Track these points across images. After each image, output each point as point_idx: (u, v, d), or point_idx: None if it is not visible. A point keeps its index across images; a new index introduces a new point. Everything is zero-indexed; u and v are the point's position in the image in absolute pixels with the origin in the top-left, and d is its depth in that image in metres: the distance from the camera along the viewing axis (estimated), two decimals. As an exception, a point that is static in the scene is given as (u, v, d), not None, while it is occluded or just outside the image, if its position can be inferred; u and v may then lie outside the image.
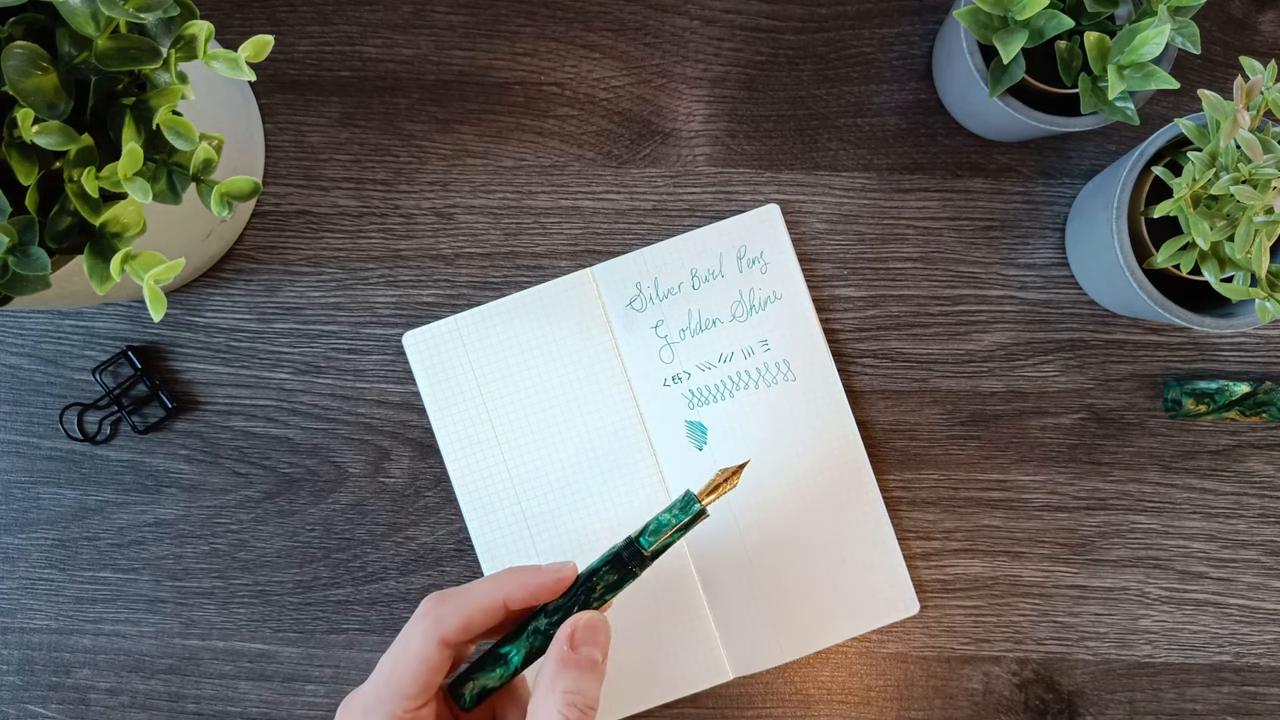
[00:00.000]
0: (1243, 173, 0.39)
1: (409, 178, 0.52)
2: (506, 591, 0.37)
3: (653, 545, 0.39)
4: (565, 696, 0.35)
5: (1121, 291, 0.46)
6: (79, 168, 0.34)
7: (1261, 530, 0.51)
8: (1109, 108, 0.43)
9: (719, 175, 0.52)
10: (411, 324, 0.51)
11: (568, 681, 0.35)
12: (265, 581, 0.51)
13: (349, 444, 0.52)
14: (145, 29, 0.34)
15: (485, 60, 0.52)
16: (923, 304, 0.52)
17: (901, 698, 0.51)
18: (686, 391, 0.51)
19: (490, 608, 0.37)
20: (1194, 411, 0.50)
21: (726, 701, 0.51)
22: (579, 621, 0.36)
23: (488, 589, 0.37)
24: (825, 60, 0.52)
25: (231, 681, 0.51)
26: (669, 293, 0.51)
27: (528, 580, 0.37)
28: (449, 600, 0.37)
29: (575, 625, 0.36)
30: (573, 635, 0.36)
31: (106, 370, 0.51)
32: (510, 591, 0.37)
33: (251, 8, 0.52)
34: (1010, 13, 0.41)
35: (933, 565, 0.51)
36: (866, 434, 0.51)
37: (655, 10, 0.52)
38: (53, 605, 0.51)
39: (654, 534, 0.39)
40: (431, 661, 0.36)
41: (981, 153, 0.52)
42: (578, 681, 0.35)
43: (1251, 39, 0.52)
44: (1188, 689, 0.51)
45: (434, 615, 0.36)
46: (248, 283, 0.52)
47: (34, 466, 0.52)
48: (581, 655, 0.36)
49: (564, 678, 0.35)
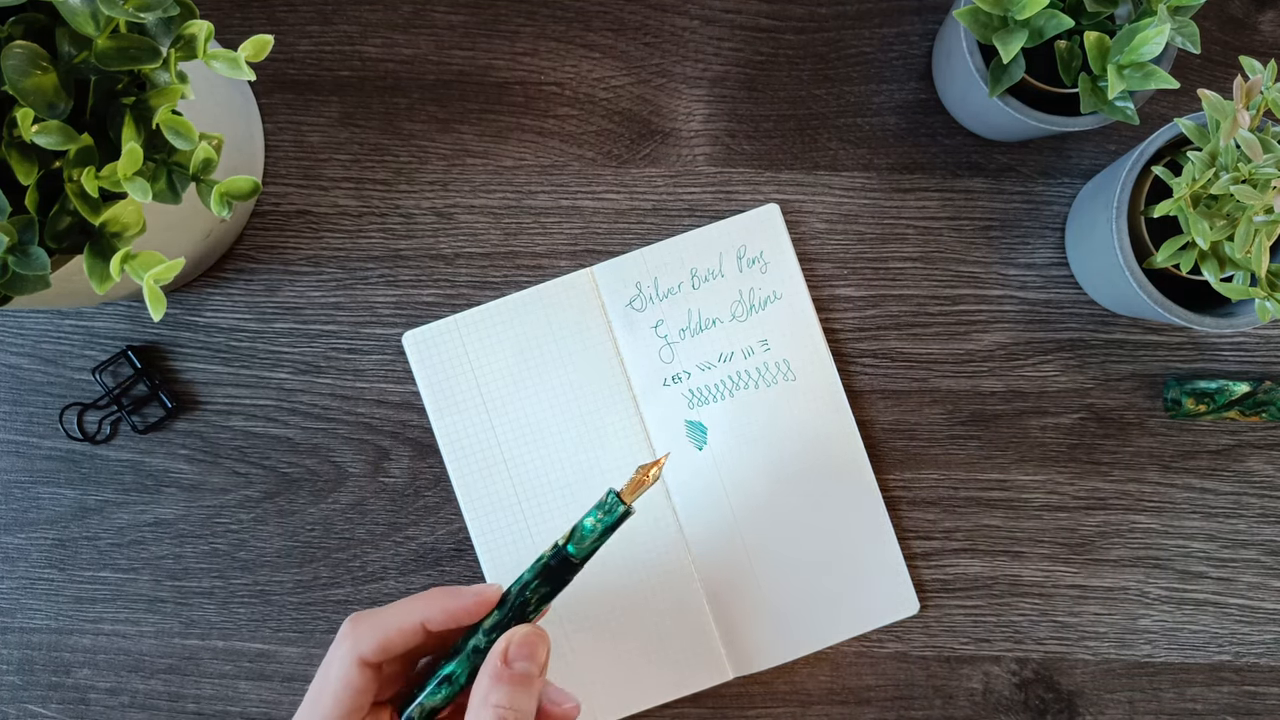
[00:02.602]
0: (1242, 172, 0.39)
1: (409, 177, 0.52)
2: (425, 614, 0.38)
3: (581, 552, 0.39)
4: (496, 711, 0.36)
5: (1121, 291, 0.46)
6: (79, 167, 0.34)
7: (1261, 530, 0.51)
8: (1109, 107, 0.43)
9: (719, 175, 0.52)
10: (411, 324, 0.51)
11: (499, 696, 0.36)
12: (265, 581, 0.51)
13: (349, 444, 0.52)
14: (145, 28, 0.34)
15: (485, 60, 0.52)
16: (923, 304, 0.52)
17: (901, 697, 0.51)
18: (686, 391, 0.51)
19: (408, 629, 0.38)
20: (1194, 411, 0.50)
21: (726, 701, 0.51)
22: (513, 637, 0.37)
23: (406, 610, 0.38)
24: (825, 60, 0.52)
25: (231, 681, 0.51)
26: (669, 292, 0.51)
27: (448, 604, 0.38)
28: (365, 621, 0.38)
29: (510, 640, 0.37)
30: (506, 651, 0.37)
31: (106, 370, 0.51)
32: (429, 614, 0.38)
33: (251, 8, 0.52)
34: (1010, 12, 0.41)
35: (933, 565, 0.51)
36: (866, 434, 0.51)
37: (655, 10, 0.52)
38: (52, 605, 0.51)
39: (581, 540, 0.39)
40: (354, 683, 0.37)
41: (981, 153, 0.52)
42: (510, 696, 0.36)
43: (1251, 39, 0.52)
44: (1188, 689, 0.51)
45: (352, 637, 0.37)
46: (248, 282, 0.52)
47: (34, 466, 0.52)
48: (515, 670, 0.37)
49: (496, 692, 0.36)
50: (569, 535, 0.39)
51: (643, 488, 0.39)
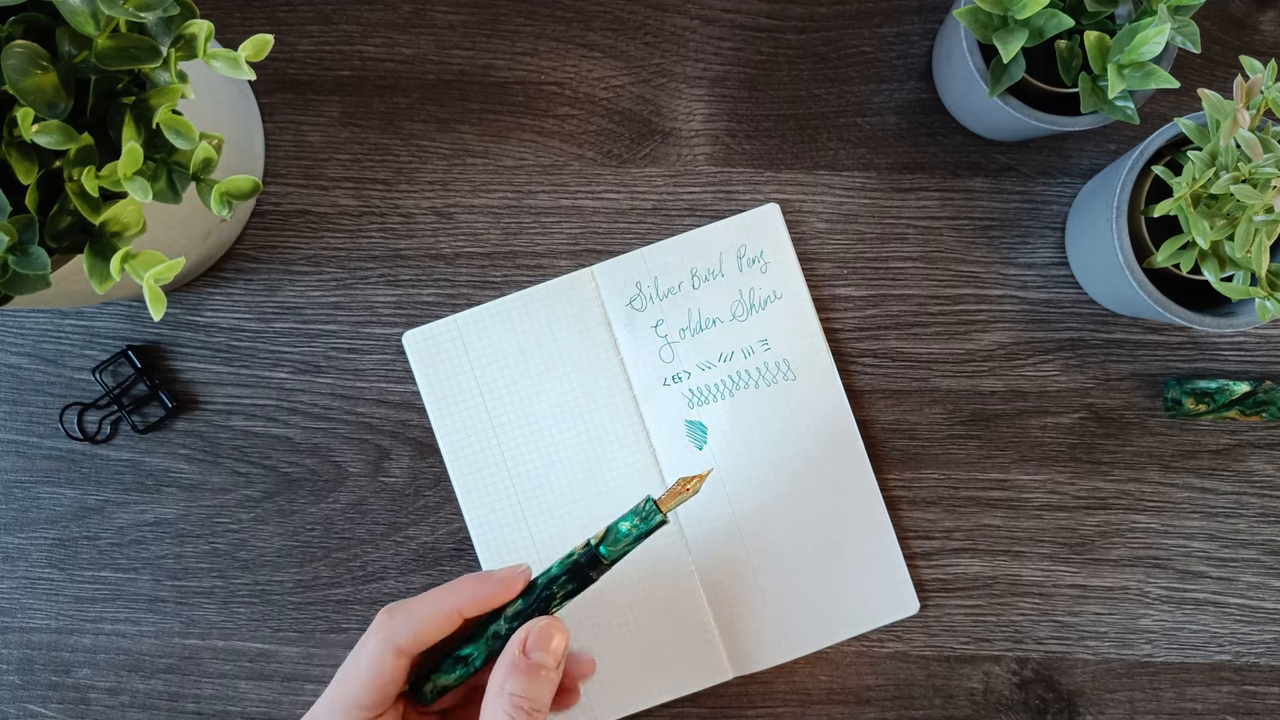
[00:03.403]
0: (1243, 172, 0.39)
1: (409, 177, 0.52)
2: (458, 601, 0.38)
3: (613, 554, 0.39)
4: (512, 699, 0.36)
5: (1121, 291, 0.46)
6: (79, 167, 0.34)
7: (1261, 530, 0.51)
8: (1109, 107, 0.43)
9: (719, 175, 0.52)
10: (411, 323, 0.51)
11: (516, 685, 0.36)
12: (265, 581, 0.51)
13: (349, 443, 0.52)
14: (145, 28, 0.34)
15: (485, 60, 0.52)
16: (923, 303, 0.52)
17: (901, 697, 0.51)
18: (686, 391, 0.51)
19: (442, 617, 0.38)
20: (1194, 411, 0.50)
21: (726, 701, 0.51)
22: (533, 628, 0.38)
23: (438, 599, 0.38)
24: (825, 60, 0.52)
25: (231, 681, 0.51)
26: (669, 292, 0.51)
27: (479, 590, 0.38)
28: (401, 612, 0.38)
29: (529, 631, 0.38)
30: (525, 641, 0.37)
31: (106, 370, 0.51)
32: (462, 602, 0.38)
33: (251, 7, 0.52)
34: (1010, 12, 0.41)
35: (933, 565, 0.51)
36: (866, 434, 0.51)
37: (655, 10, 0.52)
38: (52, 605, 0.51)
39: (614, 542, 0.39)
40: (386, 673, 0.37)
41: (981, 152, 0.52)
42: (526, 686, 0.36)
43: (1251, 38, 0.52)
44: (1188, 688, 0.51)
45: (387, 628, 0.38)
46: (248, 282, 0.52)
47: (34, 466, 0.52)
48: (532, 660, 0.37)
49: (512, 680, 0.37)
50: (602, 536, 0.39)
51: (680, 498, 0.40)
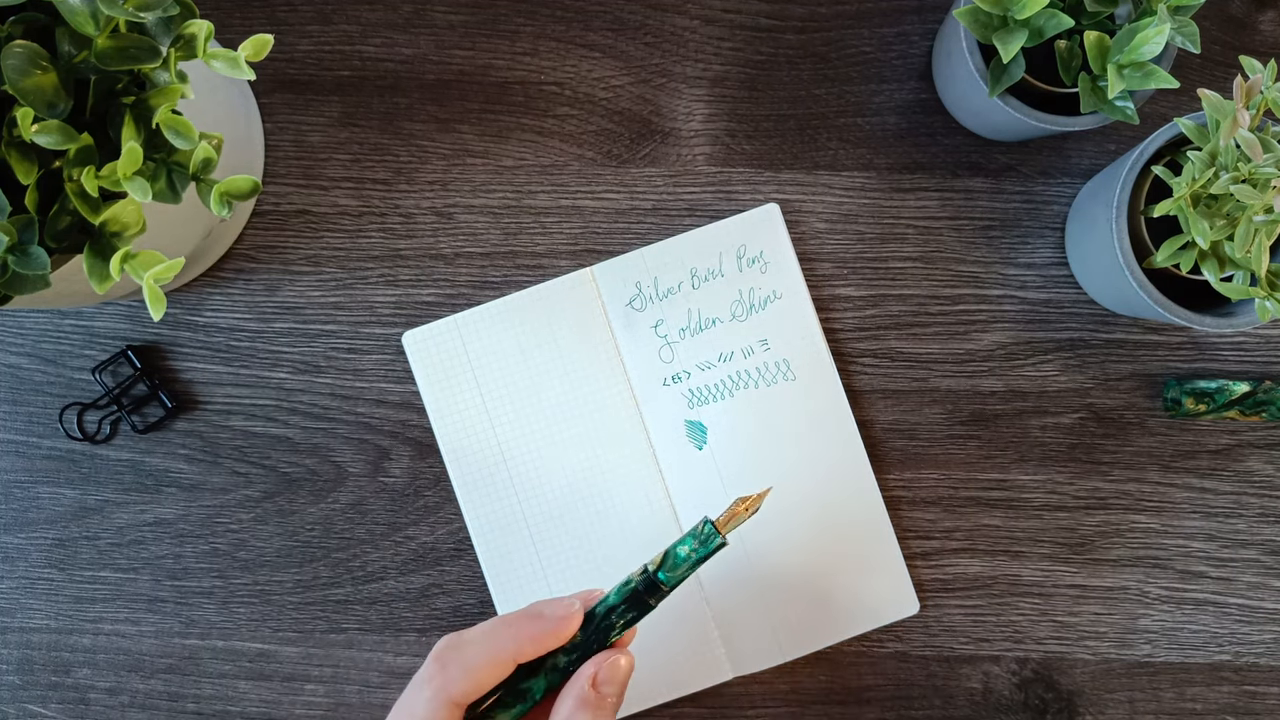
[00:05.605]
0: (1242, 172, 0.39)
1: (409, 177, 0.52)
2: (515, 649, 0.37)
3: (673, 580, 0.39)
4: None
5: (1121, 291, 0.46)
6: (79, 167, 0.34)
7: (1261, 530, 0.51)
8: (1109, 107, 0.43)
9: (719, 175, 0.52)
10: (411, 323, 0.51)
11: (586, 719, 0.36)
12: (265, 581, 0.51)
13: (349, 443, 0.52)
14: (145, 28, 0.34)
15: (485, 60, 0.52)
16: (923, 304, 0.52)
17: (901, 697, 0.51)
18: (686, 391, 0.51)
19: (500, 664, 0.37)
20: (1194, 411, 0.50)
21: (726, 701, 0.51)
22: (602, 662, 0.38)
23: (495, 645, 0.37)
24: (825, 60, 0.52)
25: (231, 681, 0.51)
26: (669, 292, 0.51)
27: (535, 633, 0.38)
28: (454, 661, 0.37)
29: (599, 666, 0.37)
30: (595, 676, 0.37)
31: (106, 370, 0.51)
32: (520, 648, 0.38)
33: (251, 7, 0.52)
34: (1010, 12, 0.41)
35: (933, 565, 0.51)
36: (866, 434, 0.51)
37: (655, 10, 0.52)
38: (52, 605, 0.51)
39: (674, 568, 0.39)
40: None
41: (981, 152, 0.52)
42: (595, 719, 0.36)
43: (1251, 38, 0.52)
44: (1187, 688, 0.51)
45: (441, 678, 0.37)
46: (248, 282, 0.52)
47: (34, 466, 0.52)
48: (602, 694, 0.37)
49: (581, 714, 0.36)
50: (660, 561, 0.39)
51: (739, 519, 0.40)
